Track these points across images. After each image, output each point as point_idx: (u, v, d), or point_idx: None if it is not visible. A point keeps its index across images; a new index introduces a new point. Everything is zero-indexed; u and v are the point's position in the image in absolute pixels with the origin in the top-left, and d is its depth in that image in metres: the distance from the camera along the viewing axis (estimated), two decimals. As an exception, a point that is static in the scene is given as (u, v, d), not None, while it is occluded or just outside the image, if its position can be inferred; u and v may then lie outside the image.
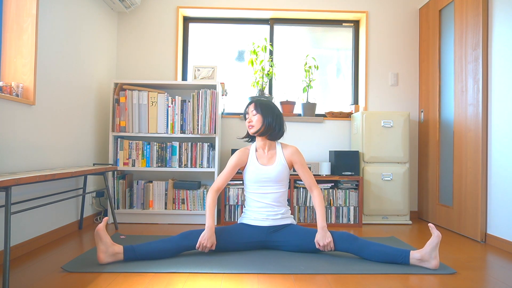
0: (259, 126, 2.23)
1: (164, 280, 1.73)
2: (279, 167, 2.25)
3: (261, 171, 2.25)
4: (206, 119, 3.05)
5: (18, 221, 2.12)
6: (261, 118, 2.23)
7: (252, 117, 2.25)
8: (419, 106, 3.55)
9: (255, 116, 2.24)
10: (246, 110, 2.31)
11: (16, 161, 2.09)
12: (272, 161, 2.28)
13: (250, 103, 2.31)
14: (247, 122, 2.27)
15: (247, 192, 2.31)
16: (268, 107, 2.26)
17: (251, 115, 2.26)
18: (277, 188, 2.25)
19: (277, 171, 2.24)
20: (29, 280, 1.71)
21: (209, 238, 2.05)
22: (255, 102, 2.29)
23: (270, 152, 2.30)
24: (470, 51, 2.74)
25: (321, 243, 2.06)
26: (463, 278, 1.82)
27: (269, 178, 2.24)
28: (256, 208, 2.24)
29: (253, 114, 2.25)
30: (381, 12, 3.59)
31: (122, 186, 3.07)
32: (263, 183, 2.24)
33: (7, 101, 2.01)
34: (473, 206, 2.65)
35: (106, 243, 1.89)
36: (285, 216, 2.26)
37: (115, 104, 3.05)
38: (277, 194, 2.25)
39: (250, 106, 2.29)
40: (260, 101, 2.29)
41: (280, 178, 2.26)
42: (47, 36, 2.37)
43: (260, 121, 2.23)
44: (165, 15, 3.55)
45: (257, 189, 2.25)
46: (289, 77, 3.74)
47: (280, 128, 2.27)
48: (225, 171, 2.27)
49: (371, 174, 3.16)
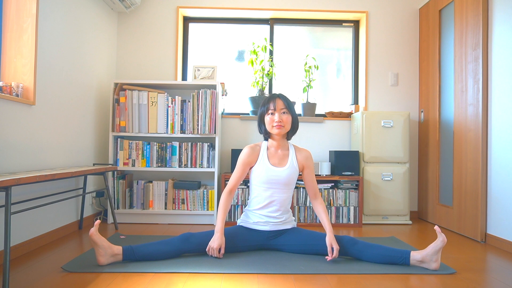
0: (289, 126, 2.09)
1: (164, 280, 1.73)
2: (290, 170, 2.13)
3: (271, 172, 2.11)
4: (206, 119, 3.05)
5: (18, 221, 2.12)
6: (290, 117, 2.08)
7: (282, 116, 2.06)
8: (419, 106, 3.55)
9: (285, 115, 2.07)
10: (267, 106, 2.08)
11: (16, 161, 2.09)
12: (284, 162, 2.14)
13: (273, 98, 2.09)
14: (274, 121, 2.06)
15: (252, 192, 2.20)
16: (292, 104, 2.12)
17: (279, 113, 2.05)
18: (284, 191, 2.14)
19: (287, 174, 2.12)
20: (29, 280, 1.71)
21: (216, 240, 2.00)
22: (283, 99, 2.08)
23: (283, 153, 2.16)
24: (470, 51, 2.74)
25: (335, 247, 1.95)
26: (463, 278, 1.81)
27: (278, 180, 2.11)
28: (258, 211, 2.15)
29: (283, 112, 2.06)
30: (381, 12, 3.59)
31: (122, 186, 3.07)
32: (271, 185, 2.12)
33: (7, 101, 2.01)
34: (473, 206, 2.65)
35: (103, 246, 1.87)
36: (287, 221, 2.19)
37: (115, 104, 3.05)
38: (282, 197, 2.13)
39: (277, 103, 2.07)
40: (286, 96, 2.10)
41: (289, 181, 2.14)
42: (47, 36, 2.37)
43: (290, 121, 2.08)
44: (165, 15, 3.55)
45: (264, 191, 2.13)
46: (289, 77, 3.74)
47: (298, 126, 2.17)
48: (236, 171, 2.16)
49: (371, 174, 3.16)
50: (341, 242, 2.03)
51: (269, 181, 2.12)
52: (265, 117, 2.11)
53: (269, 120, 2.09)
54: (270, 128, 2.10)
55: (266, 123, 2.12)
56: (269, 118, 2.08)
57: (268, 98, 2.12)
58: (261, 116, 2.14)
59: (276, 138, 2.14)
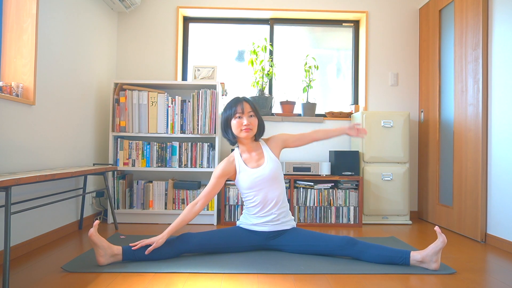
0: (256, 129, 2.08)
1: (164, 280, 1.73)
2: (271, 164, 2.12)
3: (254, 175, 2.11)
4: (206, 119, 3.05)
5: (18, 221, 2.12)
6: (257, 120, 2.08)
7: (250, 119, 2.05)
8: (419, 106, 3.55)
9: (253, 118, 2.07)
10: (234, 109, 2.04)
11: (16, 161, 2.09)
12: (262, 161, 2.14)
13: (239, 101, 2.06)
14: (242, 125, 2.03)
15: (245, 200, 2.19)
16: (255, 104, 2.11)
17: (247, 117, 2.04)
18: (274, 188, 2.12)
19: (270, 169, 2.11)
20: (29, 280, 1.71)
21: (155, 238, 1.95)
22: (248, 102, 2.08)
23: (257, 153, 2.16)
24: (470, 51, 2.74)
25: (354, 127, 2.11)
26: (463, 278, 1.81)
27: (264, 179, 2.10)
28: (256, 215, 2.15)
29: (250, 115, 2.06)
30: (381, 12, 3.59)
31: (122, 186, 3.07)
32: (259, 187, 2.11)
33: (7, 101, 2.01)
34: (473, 206, 2.65)
35: (102, 246, 1.87)
36: (286, 220, 2.16)
37: (115, 104, 3.05)
38: (275, 195, 2.12)
39: (244, 106, 2.05)
40: (250, 100, 2.10)
41: (275, 175, 2.13)
42: (47, 36, 2.37)
43: (257, 123, 2.08)
44: (165, 15, 3.55)
45: (255, 195, 2.12)
46: (289, 77, 3.74)
47: (264, 129, 2.15)
48: (208, 184, 2.11)
49: (371, 174, 3.16)
50: (341, 242, 2.04)
51: (255, 184, 2.11)
52: (232, 121, 2.08)
53: (236, 123, 2.06)
54: (238, 132, 2.07)
55: (233, 127, 2.08)
56: (237, 122, 2.05)
57: (233, 101, 2.09)
58: (227, 120, 2.09)
59: (245, 142, 2.13)
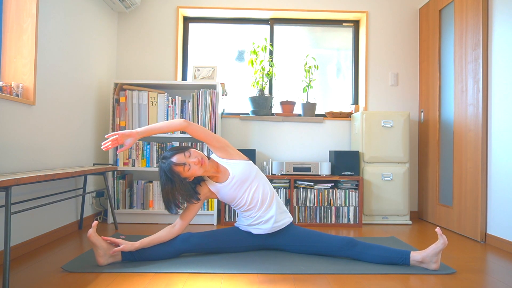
0: (201, 157, 1.97)
1: (164, 280, 1.73)
2: (238, 166, 2.09)
3: (230, 185, 2.07)
4: (206, 119, 3.05)
5: (18, 221, 2.12)
6: (195, 150, 1.98)
7: (192, 160, 1.93)
8: (419, 106, 3.55)
9: (191, 157, 1.94)
10: (175, 172, 1.89)
11: (16, 161, 2.09)
12: (226, 173, 2.09)
13: (171, 163, 1.89)
14: (193, 170, 1.93)
15: (238, 211, 2.18)
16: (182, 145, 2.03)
17: (190, 161, 1.92)
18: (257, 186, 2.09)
19: (241, 169, 2.08)
20: (29, 280, 1.71)
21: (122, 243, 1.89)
22: (177, 151, 1.94)
23: (220, 168, 2.11)
24: (470, 51, 2.74)
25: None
26: (463, 278, 1.82)
27: (244, 180, 2.07)
28: (250, 219, 2.13)
29: (188, 155, 1.93)
30: (381, 12, 3.59)
31: (122, 186, 3.07)
32: (243, 190, 2.08)
33: (7, 101, 2.01)
34: (473, 206, 2.65)
35: (102, 247, 1.87)
36: (280, 219, 2.12)
37: (115, 104, 3.05)
38: (260, 193, 2.08)
39: (180, 157, 1.91)
40: (172, 148, 2.00)
41: (249, 172, 2.09)
42: (47, 36, 2.37)
43: (198, 153, 1.98)
44: (165, 15, 3.55)
45: (240, 200, 2.10)
46: (289, 77, 3.74)
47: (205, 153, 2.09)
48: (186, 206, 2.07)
49: (371, 174, 3.16)
50: (341, 243, 2.04)
51: (237, 192, 2.08)
52: (182, 182, 1.93)
53: (191, 170, 1.92)
54: (198, 173, 1.96)
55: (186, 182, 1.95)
56: (188, 172, 1.92)
57: (165, 169, 1.90)
58: (176, 187, 1.92)
59: (205, 173, 2.05)
